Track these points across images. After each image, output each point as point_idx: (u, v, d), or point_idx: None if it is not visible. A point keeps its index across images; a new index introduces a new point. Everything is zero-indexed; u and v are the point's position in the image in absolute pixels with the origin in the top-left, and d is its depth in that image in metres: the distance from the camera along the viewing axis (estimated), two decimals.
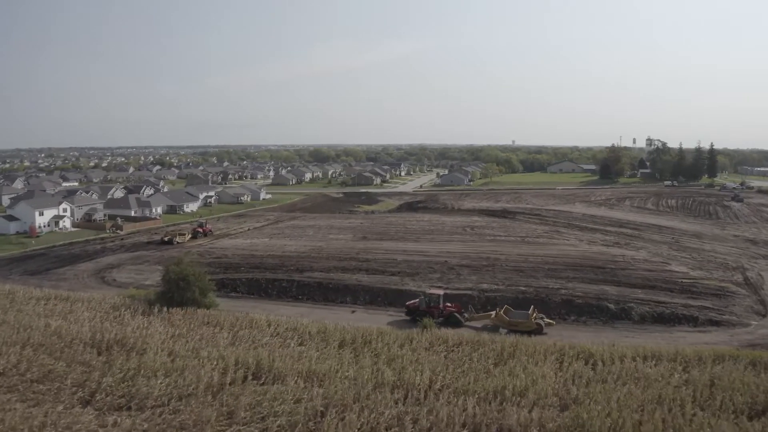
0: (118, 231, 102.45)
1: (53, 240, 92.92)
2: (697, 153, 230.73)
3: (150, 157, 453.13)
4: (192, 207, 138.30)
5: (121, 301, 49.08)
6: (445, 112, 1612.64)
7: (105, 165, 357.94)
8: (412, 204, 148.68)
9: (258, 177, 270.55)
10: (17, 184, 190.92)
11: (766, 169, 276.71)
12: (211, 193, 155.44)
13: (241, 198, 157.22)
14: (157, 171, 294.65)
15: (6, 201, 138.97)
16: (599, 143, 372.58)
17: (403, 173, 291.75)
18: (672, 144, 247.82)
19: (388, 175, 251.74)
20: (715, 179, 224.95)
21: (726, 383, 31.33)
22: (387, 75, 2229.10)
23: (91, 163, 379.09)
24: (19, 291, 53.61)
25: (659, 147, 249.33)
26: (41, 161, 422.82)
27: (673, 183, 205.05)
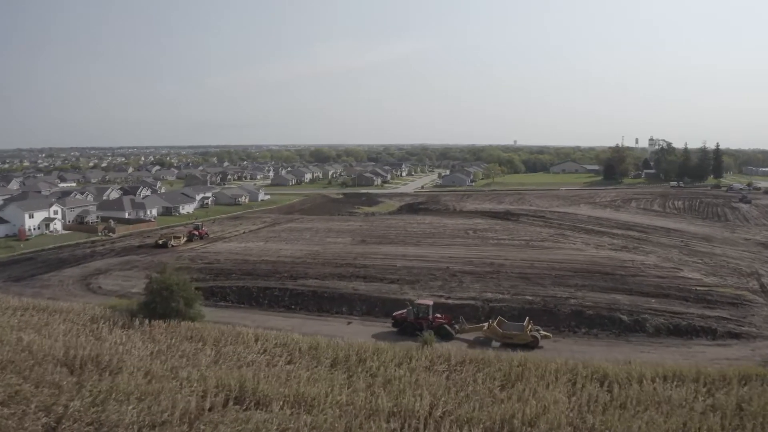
0: (110, 234, 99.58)
1: (43, 243, 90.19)
2: (703, 153, 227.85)
3: (150, 158, 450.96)
4: (188, 208, 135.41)
5: (101, 313, 46.11)
6: (446, 112, 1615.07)
7: (104, 165, 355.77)
8: (413, 205, 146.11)
9: (257, 177, 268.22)
10: (13, 184, 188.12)
11: None
12: (208, 194, 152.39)
13: (239, 199, 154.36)
14: (156, 171, 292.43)
15: None
16: (600, 143, 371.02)
17: (405, 174, 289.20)
18: (675, 144, 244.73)
19: (389, 176, 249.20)
20: (721, 180, 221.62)
21: (756, 408, 28.67)
22: (388, 75, 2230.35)
23: (91, 164, 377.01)
24: None
25: (664, 147, 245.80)
26: (41, 161, 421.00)
27: (679, 184, 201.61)
